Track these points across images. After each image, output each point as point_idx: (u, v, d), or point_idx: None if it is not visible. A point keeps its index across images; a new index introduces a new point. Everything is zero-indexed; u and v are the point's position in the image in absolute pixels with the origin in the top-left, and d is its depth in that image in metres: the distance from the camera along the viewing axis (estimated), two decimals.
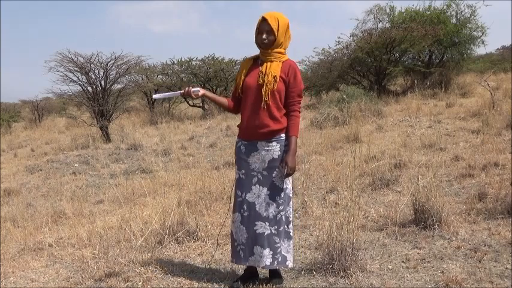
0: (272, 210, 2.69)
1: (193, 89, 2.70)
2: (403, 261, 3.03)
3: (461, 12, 14.67)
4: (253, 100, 2.67)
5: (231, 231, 2.81)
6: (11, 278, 3.34)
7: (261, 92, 2.64)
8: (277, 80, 2.63)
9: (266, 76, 2.63)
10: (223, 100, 2.85)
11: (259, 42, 2.67)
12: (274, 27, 2.62)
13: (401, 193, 4.51)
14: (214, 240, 3.68)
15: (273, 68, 2.65)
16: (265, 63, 2.68)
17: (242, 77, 2.73)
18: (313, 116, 10.37)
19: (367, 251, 3.19)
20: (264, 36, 2.63)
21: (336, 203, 4.40)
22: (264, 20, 2.63)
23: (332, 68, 14.32)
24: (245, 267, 2.88)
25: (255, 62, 2.77)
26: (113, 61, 12.27)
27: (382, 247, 3.29)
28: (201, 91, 2.71)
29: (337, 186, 4.96)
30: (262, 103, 2.64)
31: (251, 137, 2.70)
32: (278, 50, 2.68)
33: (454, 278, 2.66)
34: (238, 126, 2.79)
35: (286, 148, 2.68)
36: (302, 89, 2.74)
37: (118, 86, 13.24)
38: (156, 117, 14.62)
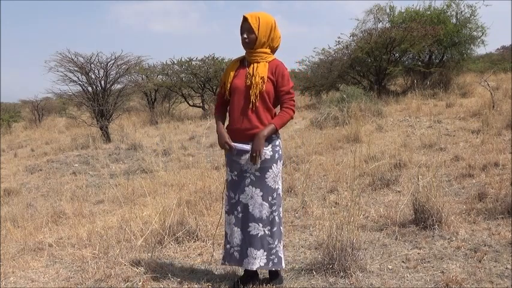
0: (265, 211, 2.67)
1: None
2: (403, 261, 3.03)
3: (461, 12, 14.69)
4: (242, 102, 2.65)
5: (225, 232, 2.79)
6: (11, 278, 3.34)
7: (249, 94, 2.63)
8: (265, 80, 2.62)
9: (254, 77, 2.62)
10: (224, 117, 2.81)
11: (241, 42, 2.68)
12: (254, 25, 2.61)
13: (401, 193, 4.51)
14: (214, 240, 3.68)
15: (260, 69, 2.64)
16: (252, 64, 2.67)
17: (230, 79, 2.71)
18: (313, 116, 10.37)
19: (367, 251, 3.19)
20: (245, 35, 2.63)
21: (336, 203, 4.40)
22: (244, 20, 2.64)
23: (332, 68, 14.32)
24: None
25: (242, 63, 2.76)
26: (113, 61, 12.29)
27: (382, 247, 3.29)
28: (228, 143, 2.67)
29: (337, 186, 4.96)
30: (251, 105, 2.62)
31: (241, 138, 2.67)
32: (262, 50, 2.67)
33: (454, 278, 2.66)
34: (226, 128, 2.76)
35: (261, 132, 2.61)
36: (291, 86, 2.71)
37: (118, 86, 13.26)
38: (156, 117, 14.64)
